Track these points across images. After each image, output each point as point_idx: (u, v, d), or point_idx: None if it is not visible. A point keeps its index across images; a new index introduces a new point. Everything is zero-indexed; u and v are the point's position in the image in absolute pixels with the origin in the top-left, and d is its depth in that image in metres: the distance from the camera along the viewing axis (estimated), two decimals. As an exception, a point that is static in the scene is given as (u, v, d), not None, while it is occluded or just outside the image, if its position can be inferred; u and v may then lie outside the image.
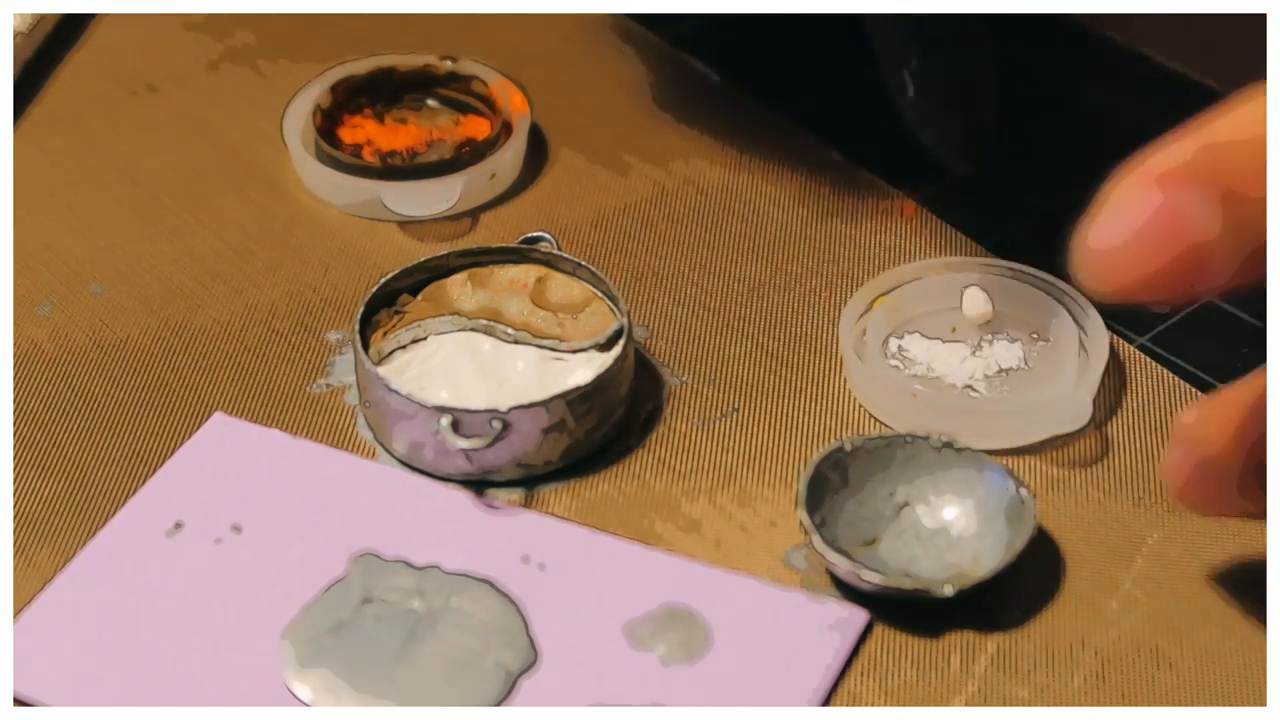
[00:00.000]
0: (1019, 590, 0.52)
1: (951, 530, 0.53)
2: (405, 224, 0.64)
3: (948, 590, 0.50)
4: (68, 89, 0.71)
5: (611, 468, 0.56)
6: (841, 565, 0.51)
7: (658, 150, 0.67)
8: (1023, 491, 0.52)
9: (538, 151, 0.67)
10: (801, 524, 0.52)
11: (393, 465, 0.56)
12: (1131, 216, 0.42)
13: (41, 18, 0.71)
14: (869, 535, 0.53)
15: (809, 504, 0.52)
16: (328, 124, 0.66)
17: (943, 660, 0.51)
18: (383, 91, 0.68)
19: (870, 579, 0.50)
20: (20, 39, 0.70)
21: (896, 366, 0.58)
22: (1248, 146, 0.42)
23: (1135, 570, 0.53)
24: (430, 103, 0.68)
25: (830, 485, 0.53)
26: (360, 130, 0.66)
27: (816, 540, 0.51)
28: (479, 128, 0.67)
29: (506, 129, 0.65)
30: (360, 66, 0.67)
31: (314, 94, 0.66)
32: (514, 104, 0.66)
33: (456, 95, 0.68)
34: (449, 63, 0.67)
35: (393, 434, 0.55)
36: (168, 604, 0.52)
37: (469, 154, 0.64)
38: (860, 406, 0.58)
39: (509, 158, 0.65)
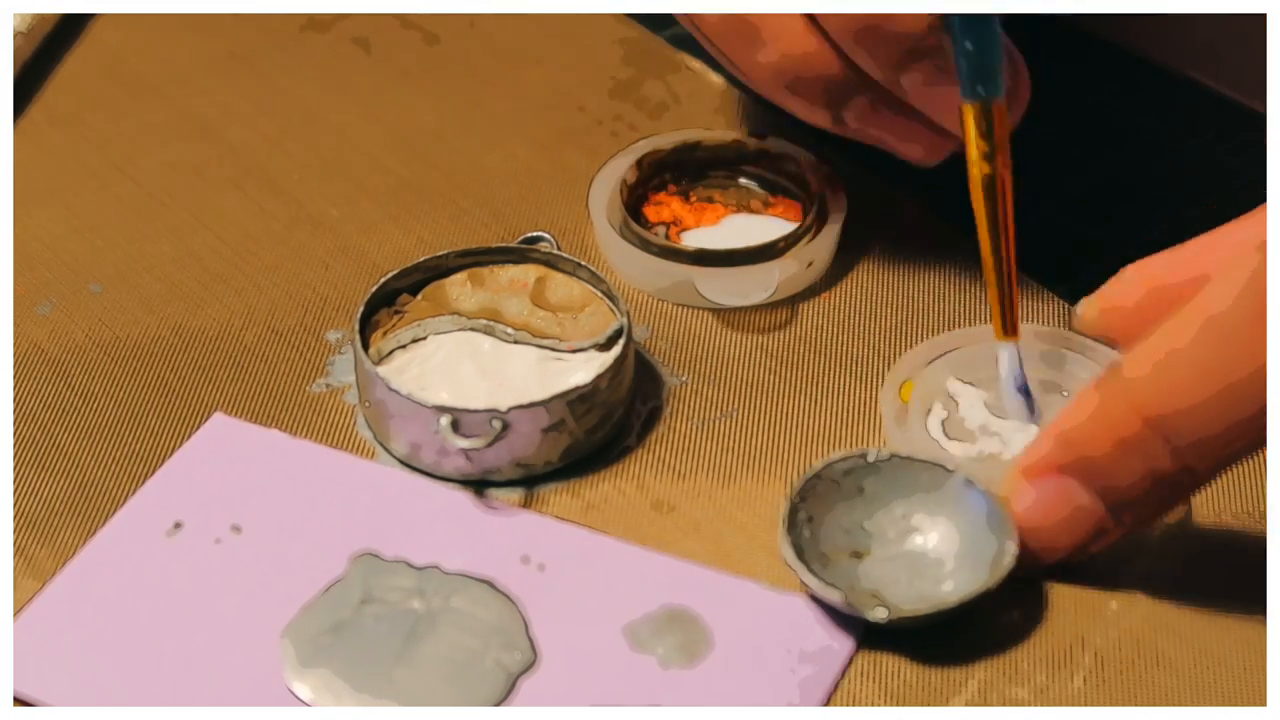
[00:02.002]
0: (1019, 591, 0.52)
1: (945, 565, 0.52)
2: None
3: (880, 615, 0.49)
4: (68, 89, 0.71)
5: (611, 468, 0.56)
6: (801, 572, 0.50)
7: (658, 150, 0.67)
8: (1008, 544, 0.51)
9: (538, 151, 0.67)
10: (782, 519, 0.51)
11: (392, 465, 0.56)
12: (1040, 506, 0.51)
13: (41, 18, 0.71)
14: (863, 547, 0.52)
15: (804, 501, 0.52)
16: (634, 201, 0.64)
17: (943, 660, 0.51)
18: (687, 168, 0.65)
19: (830, 595, 0.50)
20: (20, 39, 0.70)
21: (942, 421, 0.56)
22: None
23: (1135, 570, 0.53)
24: (742, 181, 0.65)
25: (839, 489, 0.52)
26: (665, 208, 0.64)
27: (785, 548, 0.51)
28: (790, 210, 0.64)
29: (822, 213, 0.62)
30: (665, 141, 0.65)
31: (620, 169, 0.64)
32: (829, 187, 0.63)
33: (765, 174, 0.65)
34: (757, 140, 0.65)
35: (392, 434, 0.55)
36: (168, 604, 0.52)
37: (784, 242, 0.61)
38: (860, 407, 0.57)
39: (826, 245, 0.62)
